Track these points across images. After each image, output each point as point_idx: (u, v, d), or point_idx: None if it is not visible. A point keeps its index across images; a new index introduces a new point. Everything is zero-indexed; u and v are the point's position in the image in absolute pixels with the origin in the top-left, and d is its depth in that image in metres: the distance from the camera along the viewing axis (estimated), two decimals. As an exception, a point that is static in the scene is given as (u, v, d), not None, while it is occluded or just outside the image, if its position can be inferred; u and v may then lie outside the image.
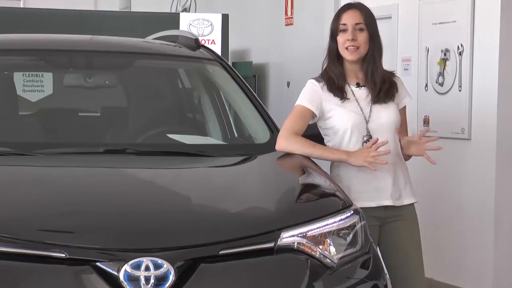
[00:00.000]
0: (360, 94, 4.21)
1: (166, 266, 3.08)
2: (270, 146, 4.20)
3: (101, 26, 7.47)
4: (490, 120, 6.08)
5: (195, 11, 10.10)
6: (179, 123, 4.83)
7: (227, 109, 4.87)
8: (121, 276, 3.06)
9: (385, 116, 4.19)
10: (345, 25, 4.17)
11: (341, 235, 3.47)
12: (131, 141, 4.37)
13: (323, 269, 3.35)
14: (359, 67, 4.22)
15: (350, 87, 4.21)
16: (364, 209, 3.74)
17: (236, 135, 4.80)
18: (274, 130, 4.35)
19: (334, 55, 4.21)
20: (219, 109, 4.85)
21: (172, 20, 7.98)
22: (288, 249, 3.31)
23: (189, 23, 7.86)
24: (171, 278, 3.08)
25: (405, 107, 4.35)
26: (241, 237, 3.25)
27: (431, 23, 6.60)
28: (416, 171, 4.39)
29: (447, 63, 6.44)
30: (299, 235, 3.35)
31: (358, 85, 4.22)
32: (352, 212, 3.57)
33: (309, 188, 3.87)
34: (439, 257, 6.48)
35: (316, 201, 3.73)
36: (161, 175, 3.94)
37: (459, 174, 6.38)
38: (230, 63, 5.25)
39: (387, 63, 4.37)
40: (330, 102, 4.17)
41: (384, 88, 4.20)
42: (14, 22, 7.38)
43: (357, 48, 4.15)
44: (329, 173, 4.17)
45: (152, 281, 3.06)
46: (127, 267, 3.07)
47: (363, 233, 3.56)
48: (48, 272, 3.07)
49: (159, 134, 4.44)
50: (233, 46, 8.50)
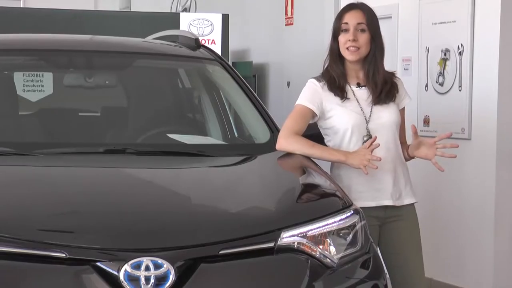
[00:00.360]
0: (360, 94, 4.21)
1: (166, 266, 3.08)
2: (270, 146, 4.20)
3: (101, 26, 7.46)
4: (490, 120, 6.08)
5: (195, 11, 10.10)
6: (179, 123, 4.83)
7: (227, 109, 4.87)
8: (121, 276, 3.06)
9: (385, 116, 4.19)
10: (347, 24, 4.17)
11: (341, 235, 3.47)
12: (131, 141, 4.37)
13: (323, 269, 3.35)
14: (360, 67, 4.22)
15: (350, 87, 4.21)
16: (364, 209, 3.74)
17: (236, 135, 4.80)
18: (274, 130, 4.35)
19: (335, 55, 4.21)
20: (219, 109, 4.85)
21: (172, 20, 7.98)
22: (288, 249, 3.31)
23: (189, 23, 7.86)
24: (171, 278, 3.08)
25: (404, 108, 4.35)
26: (241, 237, 3.25)
27: (431, 23, 6.60)
28: (416, 171, 4.39)
29: (447, 63, 6.44)
30: (299, 235, 3.35)
31: (358, 85, 4.22)
32: (352, 212, 3.57)
33: (309, 188, 3.87)
34: (439, 257, 6.48)
35: (316, 201, 3.73)
36: (161, 175, 3.94)
37: (459, 174, 6.38)
38: (230, 63, 5.25)
39: (387, 63, 4.36)
40: (330, 101, 4.17)
41: (385, 89, 4.20)
42: (14, 22, 7.38)
43: (358, 48, 4.15)
44: (329, 173, 4.18)
45: (152, 281, 3.06)
46: (127, 267, 3.07)
47: (363, 233, 3.56)
48: (48, 272, 3.07)
49: (159, 134, 4.44)
50: (233, 46, 8.50)
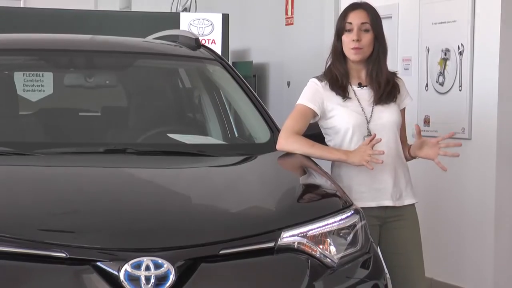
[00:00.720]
0: (361, 94, 4.20)
1: (166, 266, 3.08)
2: (270, 145, 4.20)
3: (101, 26, 7.46)
4: (490, 119, 6.08)
5: (196, 11, 10.10)
6: (180, 123, 4.83)
7: (228, 108, 4.87)
8: (122, 275, 3.06)
9: (386, 116, 4.19)
10: (350, 24, 4.15)
11: (341, 234, 3.47)
12: (131, 141, 4.36)
13: (324, 268, 3.34)
14: (363, 67, 4.21)
15: (352, 87, 4.20)
16: (364, 209, 3.74)
17: (236, 134, 4.80)
18: (274, 129, 4.34)
19: (339, 54, 4.20)
20: (220, 109, 4.84)
21: (172, 19, 7.97)
22: (288, 249, 3.31)
23: (189, 23, 7.85)
24: (172, 277, 3.07)
25: (404, 108, 4.34)
26: (241, 236, 3.25)
27: (431, 23, 6.59)
28: (416, 170, 4.39)
29: (448, 62, 6.44)
30: (300, 235, 3.35)
31: (360, 85, 4.21)
32: (352, 212, 3.57)
33: (309, 188, 3.87)
34: (440, 257, 6.48)
35: (316, 201, 3.72)
36: (161, 175, 3.94)
37: (459, 173, 6.37)
38: (230, 63, 5.24)
39: (387, 63, 4.36)
40: (331, 101, 4.16)
41: (387, 89, 4.19)
42: (14, 21, 7.38)
43: (361, 48, 4.14)
44: (329, 173, 4.17)
45: (152, 280, 3.06)
46: (127, 267, 3.06)
47: (364, 232, 3.56)
48: (48, 271, 3.07)
49: (159, 133, 4.43)
50: (233, 45, 8.49)
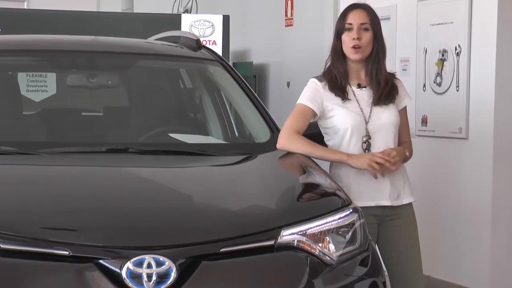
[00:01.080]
0: (361, 95, 4.20)
1: (168, 263, 3.08)
2: (270, 145, 4.20)
3: (103, 27, 7.46)
4: (487, 119, 6.09)
5: (197, 12, 10.10)
6: (181, 123, 4.83)
7: (228, 109, 4.87)
8: (124, 273, 3.06)
9: (385, 117, 4.19)
10: (350, 24, 4.16)
11: (340, 233, 3.47)
12: (133, 141, 4.36)
13: (323, 266, 3.34)
14: (362, 66, 4.21)
15: (351, 87, 4.21)
16: (363, 207, 3.73)
17: (237, 134, 4.80)
18: (274, 129, 4.34)
19: (338, 54, 4.20)
20: (220, 109, 4.84)
21: (173, 21, 7.97)
22: (288, 247, 3.31)
23: (190, 24, 7.86)
24: (173, 275, 3.07)
25: (405, 107, 4.34)
26: (241, 235, 3.25)
27: (429, 24, 6.60)
28: (414, 170, 4.39)
29: (445, 63, 6.44)
30: (299, 233, 3.35)
31: (359, 86, 4.22)
32: (351, 210, 3.57)
33: (309, 186, 3.87)
34: (437, 255, 6.48)
35: (315, 199, 3.72)
36: (163, 174, 3.94)
37: (456, 173, 6.38)
38: (231, 64, 5.24)
39: (386, 64, 4.36)
40: (331, 101, 4.17)
41: (385, 90, 4.19)
42: (18, 23, 7.38)
43: (361, 47, 4.15)
44: (328, 172, 4.17)
45: (154, 278, 3.06)
46: (129, 265, 3.06)
47: (362, 231, 3.56)
48: (51, 269, 3.07)
49: (161, 133, 4.43)
50: (234, 46, 8.49)
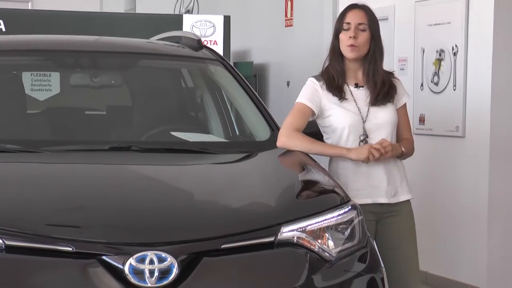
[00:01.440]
0: (358, 94, 4.19)
1: (169, 259, 3.08)
2: (270, 143, 4.20)
3: (106, 27, 7.45)
4: (483, 118, 6.09)
5: (198, 13, 10.11)
6: (182, 121, 4.82)
7: (229, 107, 4.86)
8: (126, 269, 3.06)
9: (382, 116, 4.18)
10: (348, 24, 4.16)
11: (339, 229, 3.47)
12: (135, 139, 4.36)
13: (322, 262, 3.34)
14: (359, 66, 4.20)
15: (348, 87, 4.20)
16: (360, 205, 3.72)
17: (237, 132, 4.79)
18: (274, 128, 4.34)
19: (336, 53, 4.20)
20: (221, 108, 4.84)
21: (175, 21, 7.96)
22: (288, 243, 3.31)
23: (192, 25, 7.85)
24: (175, 271, 3.07)
25: (405, 105, 4.32)
26: (242, 231, 3.25)
27: (426, 24, 6.60)
28: (412, 167, 4.39)
29: (442, 63, 6.44)
30: (299, 230, 3.35)
31: (356, 86, 4.21)
32: (350, 207, 3.56)
33: (308, 184, 3.87)
34: (435, 251, 6.48)
35: (315, 196, 3.72)
36: (164, 172, 3.93)
37: (453, 170, 6.38)
38: (231, 63, 5.24)
39: (384, 64, 4.36)
40: (329, 100, 4.16)
41: (383, 90, 4.18)
42: (22, 23, 7.38)
43: (357, 46, 4.14)
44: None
45: (156, 274, 3.06)
46: (132, 261, 3.06)
47: (361, 227, 3.56)
48: (55, 265, 3.07)
49: (163, 132, 4.43)
50: (234, 46, 8.49)
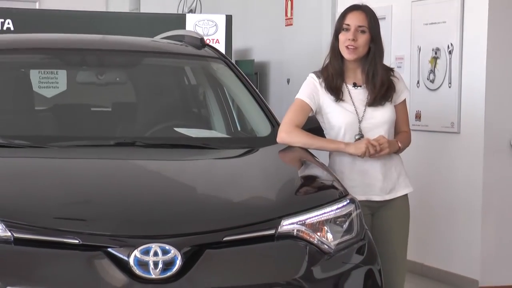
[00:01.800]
0: (356, 94, 4.17)
1: (173, 251, 3.08)
2: (271, 139, 4.20)
3: (111, 26, 7.45)
4: (478, 114, 6.09)
5: (201, 12, 10.10)
6: (186, 118, 4.82)
7: (231, 104, 4.86)
8: (131, 261, 3.06)
9: (379, 116, 4.15)
10: (348, 25, 4.12)
11: (337, 222, 3.47)
12: (140, 134, 4.36)
13: (321, 254, 3.35)
14: (358, 66, 4.17)
15: (347, 86, 4.17)
16: (357, 200, 3.73)
17: (239, 128, 4.79)
18: (274, 124, 4.34)
19: (336, 52, 4.17)
20: (223, 105, 4.84)
21: (178, 20, 7.96)
22: (288, 236, 3.31)
23: (194, 24, 7.84)
24: (178, 262, 3.08)
25: (404, 100, 4.29)
26: (244, 224, 3.25)
27: (422, 23, 6.60)
28: (408, 162, 4.38)
29: (438, 61, 6.44)
30: (299, 223, 3.35)
31: (354, 85, 4.18)
32: (348, 201, 3.57)
33: (308, 179, 3.87)
34: (430, 243, 6.49)
35: (314, 191, 3.73)
36: (168, 167, 3.94)
37: (448, 165, 6.39)
38: (233, 61, 5.24)
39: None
40: (326, 98, 4.15)
41: (381, 91, 4.13)
42: (30, 22, 7.37)
43: (356, 48, 4.11)
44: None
45: (160, 265, 3.07)
46: (136, 253, 3.07)
47: (359, 221, 3.56)
48: (62, 257, 3.08)
49: (166, 128, 4.43)
50: (236, 45, 8.49)
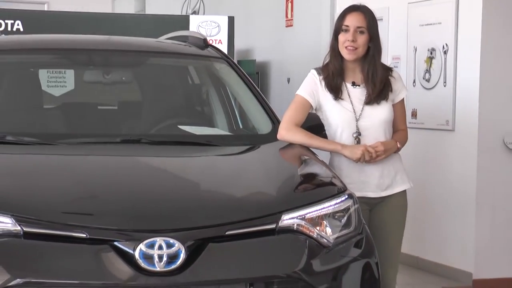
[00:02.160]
0: (354, 92, 4.15)
1: (177, 245, 3.09)
2: (272, 136, 4.20)
3: (117, 27, 7.45)
4: (472, 113, 6.09)
5: (204, 14, 10.10)
6: (189, 116, 4.82)
7: (233, 102, 4.87)
8: (137, 254, 3.07)
9: (376, 114, 4.14)
10: (347, 26, 4.10)
11: (336, 217, 3.48)
12: (145, 132, 4.37)
13: (320, 248, 3.36)
14: (358, 65, 4.15)
15: (346, 85, 4.17)
16: (354, 196, 3.73)
17: (241, 126, 4.80)
18: (275, 122, 4.34)
19: (335, 52, 4.15)
20: (226, 103, 4.84)
21: (182, 22, 7.95)
22: (288, 230, 3.32)
23: (198, 25, 7.84)
24: (182, 256, 3.09)
25: (403, 99, 4.29)
26: (245, 219, 3.26)
27: (418, 24, 6.59)
28: (404, 159, 4.38)
29: (433, 61, 6.44)
30: (298, 217, 3.36)
31: (353, 84, 4.17)
32: (346, 196, 3.57)
33: (307, 175, 3.87)
34: (425, 238, 6.49)
35: (314, 186, 3.73)
36: (172, 163, 3.94)
37: (443, 162, 6.39)
38: (235, 61, 5.24)
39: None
40: (326, 96, 4.15)
41: (379, 89, 4.13)
42: (39, 23, 7.38)
43: (356, 48, 4.09)
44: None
45: (164, 259, 3.07)
46: (142, 246, 3.08)
47: (357, 215, 3.57)
48: (70, 250, 3.09)
49: (171, 125, 4.44)
50: (238, 45, 8.48)
